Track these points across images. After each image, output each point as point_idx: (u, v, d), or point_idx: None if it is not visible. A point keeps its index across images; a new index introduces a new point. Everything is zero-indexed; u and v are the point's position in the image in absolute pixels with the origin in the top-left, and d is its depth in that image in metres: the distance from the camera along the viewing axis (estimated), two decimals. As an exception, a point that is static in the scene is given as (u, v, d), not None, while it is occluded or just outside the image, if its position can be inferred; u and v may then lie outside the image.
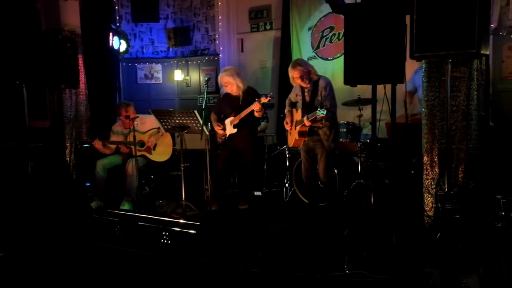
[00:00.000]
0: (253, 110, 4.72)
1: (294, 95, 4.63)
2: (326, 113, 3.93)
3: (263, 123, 5.87)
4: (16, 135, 5.46)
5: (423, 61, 3.55)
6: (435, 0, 2.99)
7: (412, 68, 4.69)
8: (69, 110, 5.66)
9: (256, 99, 4.65)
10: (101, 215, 4.14)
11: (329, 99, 4.31)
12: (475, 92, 3.46)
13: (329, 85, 4.37)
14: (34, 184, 4.86)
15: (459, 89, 3.45)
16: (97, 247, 3.91)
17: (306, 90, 4.45)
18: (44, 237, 4.18)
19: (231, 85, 4.92)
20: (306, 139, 4.45)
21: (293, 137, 4.56)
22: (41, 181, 5.08)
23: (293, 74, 4.37)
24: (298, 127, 4.40)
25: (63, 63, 4.70)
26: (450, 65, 3.17)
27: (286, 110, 4.74)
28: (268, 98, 4.63)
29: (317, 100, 4.36)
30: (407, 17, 3.28)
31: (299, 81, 4.38)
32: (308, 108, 4.34)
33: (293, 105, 4.68)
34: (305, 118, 4.22)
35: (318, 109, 3.93)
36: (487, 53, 3.14)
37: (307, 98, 4.44)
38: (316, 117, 4.01)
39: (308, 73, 4.36)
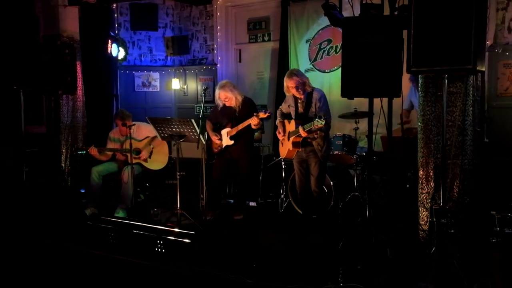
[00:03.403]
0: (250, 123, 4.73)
1: (286, 106, 4.63)
2: (324, 123, 3.92)
3: (256, 133, 5.86)
4: (12, 140, 5.44)
5: (419, 76, 3.58)
6: (433, 16, 3.04)
7: (408, 83, 4.72)
8: (66, 116, 5.67)
9: (255, 114, 4.64)
10: (95, 222, 4.12)
11: (324, 110, 4.33)
12: (471, 108, 3.48)
13: (323, 97, 4.40)
14: (29, 189, 4.84)
15: (455, 104, 3.48)
16: (91, 255, 3.88)
17: (300, 101, 4.46)
18: (38, 243, 4.15)
19: (230, 99, 4.93)
20: (299, 150, 4.44)
21: (286, 148, 4.54)
22: (36, 186, 5.05)
23: (289, 84, 4.37)
24: (292, 138, 4.39)
25: (61, 69, 4.72)
26: (446, 81, 3.21)
27: (277, 121, 4.73)
28: (267, 114, 4.62)
29: (311, 111, 4.38)
30: (405, 32, 3.31)
31: (294, 91, 4.37)
32: (302, 119, 4.35)
33: (285, 116, 4.68)
34: (300, 129, 4.19)
35: (317, 119, 3.91)
36: (483, 69, 3.18)
37: (301, 109, 4.45)
38: (313, 127, 3.99)
39: (303, 84, 4.37)
